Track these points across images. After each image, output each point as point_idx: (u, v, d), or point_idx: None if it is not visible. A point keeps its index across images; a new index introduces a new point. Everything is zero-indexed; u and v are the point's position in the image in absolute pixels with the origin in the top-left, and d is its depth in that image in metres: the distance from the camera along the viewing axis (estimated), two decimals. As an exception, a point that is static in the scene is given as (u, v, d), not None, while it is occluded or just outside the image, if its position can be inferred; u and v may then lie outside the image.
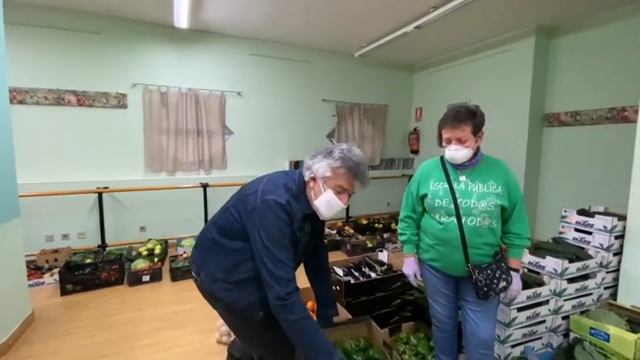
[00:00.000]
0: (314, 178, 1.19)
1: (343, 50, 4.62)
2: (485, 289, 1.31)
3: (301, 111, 4.61)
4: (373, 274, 2.14)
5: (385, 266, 2.22)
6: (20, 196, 2.98)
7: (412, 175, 5.22)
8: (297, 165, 4.61)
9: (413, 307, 2.09)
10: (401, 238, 1.58)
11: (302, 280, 1.36)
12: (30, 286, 2.76)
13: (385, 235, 3.98)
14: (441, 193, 1.39)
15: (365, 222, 4.52)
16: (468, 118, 1.35)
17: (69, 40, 3.35)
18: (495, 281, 1.32)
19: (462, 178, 1.40)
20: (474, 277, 1.33)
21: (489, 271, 1.33)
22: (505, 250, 1.45)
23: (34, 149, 3.27)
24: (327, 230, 4.39)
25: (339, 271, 2.16)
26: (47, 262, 3.07)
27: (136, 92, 3.68)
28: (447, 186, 1.39)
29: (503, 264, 1.37)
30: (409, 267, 1.57)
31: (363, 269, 2.22)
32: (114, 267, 2.88)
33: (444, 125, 1.41)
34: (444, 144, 1.42)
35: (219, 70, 4.04)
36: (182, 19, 3.42)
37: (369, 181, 1.20)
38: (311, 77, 4.62)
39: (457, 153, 1.35)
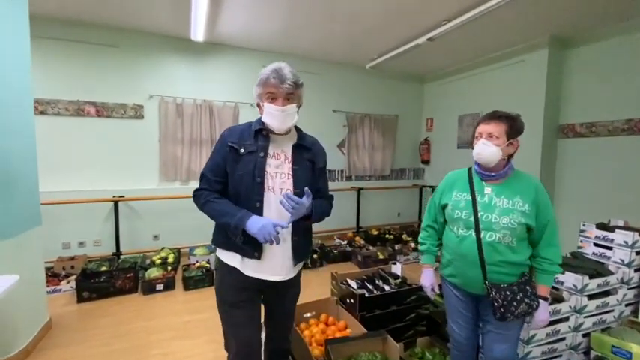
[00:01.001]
0: (258, 104, 1.27)
1: (354, 62, 4.68)
2: (502, 310, 1.24)
3: (312, 121, 4.62)
4: (387, 287, 2.13)
5: (399, 279, 2.20)
6: (41, 204, 3.08)
7: (423, 186, 5.21)
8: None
9: (428, 322, 2.06)
10: (421, 247, 1.54)
11: (312, 290, 1.35)
12: (48, 292, 2.83)
13: (397, 247, 3.95)
14: (461, 205, 1.35)
15: (375, 233, 4.50)
16: (504, 117, 1.31)
17: (89, 53, 3.47)
18: (515, 304, 1.24)
19: (487, 190, 1.33)
20: (491, 295, 1.26)
21: (508, 292, 1.25)
22: (533, 275, 1.36)
23: (54, 158, 3.36)
24: (337, 241, 4.38)
25: (353, 284, 2.15)
26: (64, 269, 3.13)
27: (152, 103, 3.78)
28: (470, 198, 1.34)
29: (528, 287, 1.28)
30: (427, 278, 1.54)
31: (377, 282, 2.21)
32: (128, 275, 2.92)
33: (478, 123, 1.35)
34: (474, 142, 1.35)
35: (232, 81, 4.12)
36: (199, 32, 3.52)
37: (291, 76, 1.19)
38: (322, 88, 4.68)
39: (485, 149, 1.28)
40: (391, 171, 5.24)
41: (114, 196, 3.53)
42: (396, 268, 2.32)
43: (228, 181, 1.23)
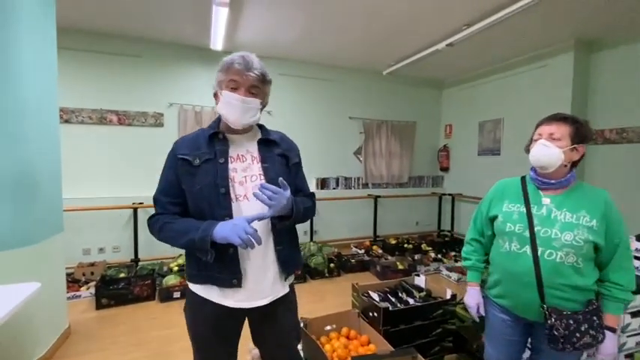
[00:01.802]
0: (216, 94, 1.10)
1: (371, 68, 4.64)
2: (562, 340, 1.06)
3: (329, 129, 4.62)
4: (411, 301, 2.03)
5: (424, 292, 2.10)
6: (64, 210, 3.14)
7: (442, 194, 5.07)
8: (324, 183, 4.59)
9: (454, 338, 1.95)
10: (465, 263, 1.39)
11: (331, 301, 1.25)
12: (67, 298, 2.85)
13: (416, 257, 3.83)
14: (514, 217, 1.19)
15: (393, 242, 4.38)
16: (570, 119, 1.16)
17: (113, 63, 3.56)
18: (578, 335, 1.06)
19: (546, 201, 1.17)
20: (550, 321, 1.08)
21: (572, 321, 1.07)
22: (600, 302, 1.16)
23: (77, 165, 3.44)
24: (354, 249, 4.29)
25: (375, 296, 2.06)
26: (84, 275, 3.16)
27: (172, 111, 3.83)
28: (524, 209, 1.18)
29: (595, 318, 1.09)
30: (472, 297, 1.35)
31: (400, 294, 2.11)
32: (146, 282, 2.92)
33: (538, 124, 1.22)
34: (532, 145, 1.21)
35: (250, 89, 4.14)
36: (218, 41, 3.57)
37: (259, 67, 1.04)
38: (339, 95, 4.65)
39: (544, 150, 1.13)
40: (409, 178, 5.13)
41: (133, 203, 3.57)
42: (419, 280, 2.22)
43: (186, 200, 1.05)
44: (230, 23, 3.17)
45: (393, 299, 2.05)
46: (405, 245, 4.27)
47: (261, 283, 1.05)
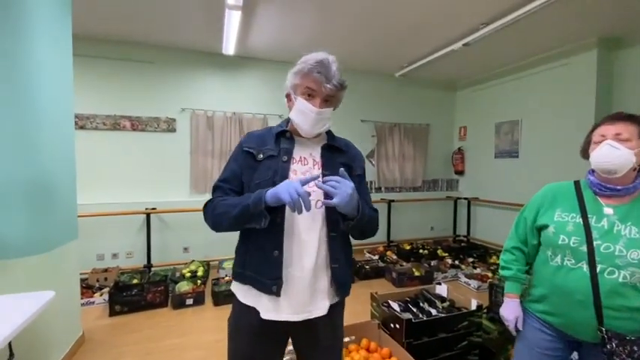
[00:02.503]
0: (289, 95, 1.08)
1: (383, 71, 4.57)
2: None
3: (340, 132, 4.40)
4: (434, 311, 1.94)
5: (447, 302, 2.00)
6: (78, 216, 3.15)
7: (457, 198, 4.92)
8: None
9: (480, 351, 1.85)
10: (503, 272, 1.27)
11: (347, 309, 1.13)
12: (81, 305, 2.84)
13: (433, 263, 3.71)
14: (569, 228, 1.07)
15: (408, 247, 4.27)
16: (636, 118, 1.05)
17: (127, 69, 3.58)
18: None
19: (608, 211, 1.04)
20: (610, 346, 0.96)
21: (636, 348, 0.95)
22: None
23: (91, 171, 3.45)
24: (367, 255, 4.20)
25: (395, 306, 1.97)
26: (98, 281, 3.15)
27: (184, 117, 3.83)
28: (581, 220, 1.06)
29: None
30: (511, 310, 1.23)
31: (422, 304, 2.02)
32: (159, 289, 2.89)
33: (597, 125, 1.10)
34: (592, 147, 1.08)
35: (262, 93, 4.13)
36: (230, 46, 3.56)
37: (338, 76, 1.00)
38: (350, 98, 4.53)
39: (612, 152, 1.00)
40: (423, 182, 5.02)
41: (146, 209, 3.57)
42: (441, 289, 2.13)
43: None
44: (242, 27, 3.15)
45: (415, 309, 1.96)
46: (420, 251, 4.16)
47: (304, 296, 0.98)
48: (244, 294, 1.03)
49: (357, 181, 1.07)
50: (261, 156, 1.03)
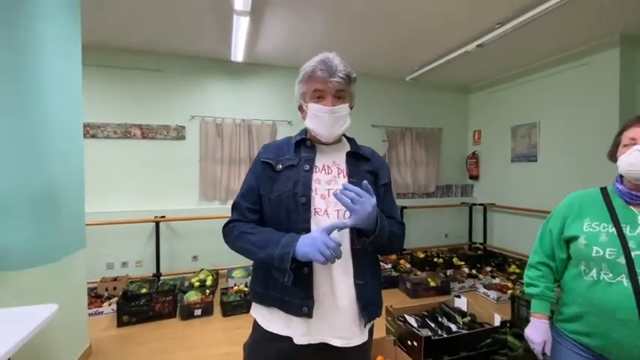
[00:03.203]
0: (300, 106, 1.03)
1: (394, 75, 4.49)
2: None
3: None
4: (454, 327, 1.81)
5: (468, 317, 1.88)
6: (87, 224, 3.14)
7: (473, 204, 4.74)
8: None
9: (505, 371, 1.71)
10: (529, 290, 1.17)
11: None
12: (90, 315, 2.81)
13: (449, 272, 3.56)
14: (602, 239, 0.99)
15: (422, 255, 4.13)
16: None
17: (137, 78, 3.60)
18: None
19: None
20: None
21: None
22: None
23: (102, 180, 3.45)
24: (380, 264, 4.07)
25: (412, 321, 1.86)
26: (107, 290, 3.12)
27: (193, 124, 3.82)
28: (614, 230, 0.98)
29: None
30: (538, 332, 1.12)
31: (440, 319, 1.90)
32: (167, 298, 2.83)
33: (628, 126, 1.02)
34: (620, 150, 1.02)
35: (270, 100, 4.09)
36: (238, 53, 3.54)
37: (343, 67, 0.94)
38: (360, 103, 4.42)
39: None
40: (436, 187, 4.87)
41: (155, 217, 3.54)
42: (461, 303, 2.00)
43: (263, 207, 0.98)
44: (251, 34, 3.13)
45: (433, 325, 1.84)
46: (435, 259, 4.00)
47: (335, 318, 0.90)
48: (269, 319, 0.94)
49: (382, 191, 1.03)
50: (280, 166, 0.97)
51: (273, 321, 0.93)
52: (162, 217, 3.58)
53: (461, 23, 2.97)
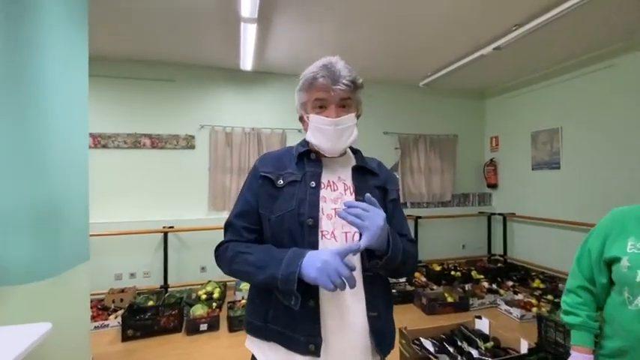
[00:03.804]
0: (302, 117, 0.93)
1: (406, 80, 4.37)
2: None
3: (361, 145, 4.24)
4: (475, 353, 1.65)
5: (490, 342, 1.71)
6: (95, 235, 3.12)
7: (491, 214, 4.52)
8: (358, 202, 4.30)
9: (535, 404, 1.54)
10: (569, 319, 1.02)
11: None
12: (95, 327, 2.77)
13: (467, 287, 3.36)
14: None
15: (438, 268, 3.94)
16: None
17: (147, 88, 3.62)
18: None
19: None
20: None
21: None
22: None
23: (112, 190, 3.45)
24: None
25: (428, 345, 1.71)
26: (114, 302, 3.08)
27: (203, 133, 3.80)
28: None
29: None
30: None
31: (460, 344, 1.74)
32: (173, 312, 2.76)
33: None
34: None
35: (280, 108, 4.04)
36: (247, 62, 3.51)
37: (347, 73, 0.84)
38: (372, 110, 4.40)
39: None
40: (452, 196, 4.68)
41: (164, 227, 3.51)
42: (482, 325, 1.83)
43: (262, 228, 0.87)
44: (259, 42, 3.09)
45: (452, 349, 1.69)
46: (452, 272, 3.80)
47: (347, 356, 0.79)
48: (268, 355, 0.82)
49: (391, 207, 0.93)
50: (282, 182, 0.86)
51: (274, 358, 0.81)
52: (171, 227, 3.54)
53: (476, 25, 2.85)
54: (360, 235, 0.73)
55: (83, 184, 2.13)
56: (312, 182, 0.85)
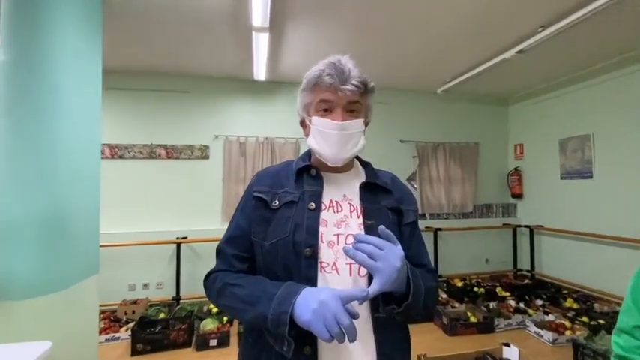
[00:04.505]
0: (303, 121, 0.83)
1: (423, 87, 4.23)
2: None
3: (377, 154, 4.18)
4: (503, 386, 1.48)
5: (521, 375, 1.54)
6: (110, 245, 3.14)
7: (517, 226, 4.26)
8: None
9: None
10: None
11: None
12: (107, 340, 2.75)
13: (492, 305, 3.13)
14: None
15: (460, 284, 3.72)
16: None
17: (163, 100, 3.67)
18: None
19: None
20: None
21: None
22: None
23: (128, 200, 3.48)
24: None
25: (450, 375, 1.55)
26: (126, 313, 3.06)
27: (217, 144, 3.80)
28: None
29: None
30: None
31: (486, 375, 1.57)
32: (183, 326, 2.70)
33: None
34: None
35: (293, 118, 3.92)
36: (260, 72, 3.50)
37: (357, 74, 0.74)
38: (388, 118, 4.29)
39: None
40: (474, 207, 4.45)
41: (177, 238, 3.49)
42: (511, 354, 1.66)
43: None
44: (271, 51, 3.06)
45: (476, 382, 1.52)
46: (475, 288, 3.57)
47: None
48: None
49: (408, 232, 0.81)
50: (277, 202, 0.75)
51: None
52: (184, 238, 3.52)
53: (498, 28, 2.70)
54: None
55: (94, 195, 2.12)
56: (312, 204, 0.74)
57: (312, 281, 0.68)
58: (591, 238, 3.49)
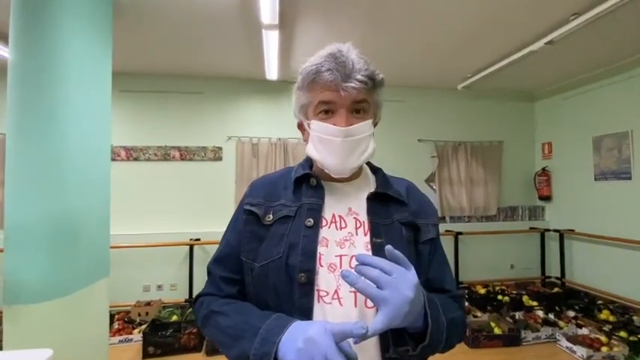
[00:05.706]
0: (301, 124, 0.72)
1: (442, 83, 4.04)
2: None
3: (394, 154, 4.06)
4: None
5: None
6: (125, 246, 3.16)
7: (545, 230, 4.00)
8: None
9: None
10: None
11: None
12: (120, 341, 2.76)
13: (517, 315, 2.92)
14: None
15: (482, 291, 3.51)
16: None
17: (176, 101, 3.68)
18: None
19: None
20: None
21: None
22: None
23: (143, 201, 3.51)
24: None
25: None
26: (139, 315, 3.08)
27: (230, 145, 3.77)
28: None
29: None
30: None
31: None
32: (194, 330, 2.67)
33: None
34: None
35: (307, 117, 3.91)
36: (272, 71, 3.44)
37: (363, 65, 0.61)
38: (405, 117, 4.13)
39: None
40: (498, 210, 4.21)
41: (190, 239, 3.48)
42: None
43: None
44: (283, 50, 2.99)
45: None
46: (499, 297, 3.35)
47: None
48: None
49: (427, 251, 0.67)
50: (270, 217, 0.65)
51: None
52: (197, 239, 3.51)
53: (525, 16, 2.50)
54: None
55: (104, 198, 2.10)
56: (310, 219, 0.63)
57: (307, 314, 0.57)
58: (629, 245, 3.20)
